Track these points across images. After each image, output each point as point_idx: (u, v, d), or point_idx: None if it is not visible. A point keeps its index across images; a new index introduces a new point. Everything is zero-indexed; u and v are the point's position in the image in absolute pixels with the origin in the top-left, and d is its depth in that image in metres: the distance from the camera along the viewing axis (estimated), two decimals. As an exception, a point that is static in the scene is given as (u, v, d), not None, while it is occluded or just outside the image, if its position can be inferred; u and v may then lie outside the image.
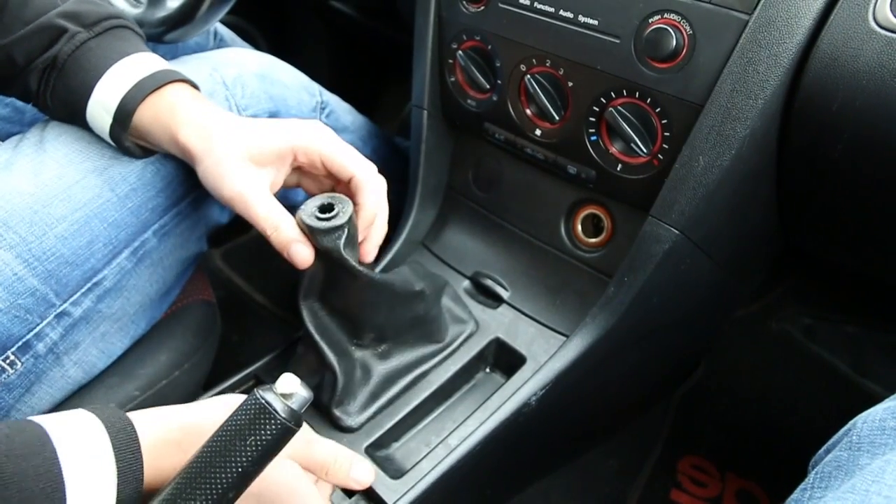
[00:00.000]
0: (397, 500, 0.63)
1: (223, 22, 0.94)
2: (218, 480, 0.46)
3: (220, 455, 0.47)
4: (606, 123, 0.70)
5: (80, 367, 0.69)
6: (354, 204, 0.65)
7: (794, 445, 1.06)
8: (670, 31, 0.63)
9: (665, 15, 0.64)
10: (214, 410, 0.54)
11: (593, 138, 0.72)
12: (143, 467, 0.50)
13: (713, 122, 0.63)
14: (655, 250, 0.68)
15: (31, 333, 0.63)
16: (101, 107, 0.65)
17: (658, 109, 0.66)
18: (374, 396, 0.70)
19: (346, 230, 0.62)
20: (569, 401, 0.76)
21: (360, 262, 0.64)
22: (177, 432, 0.52)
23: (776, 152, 0.66)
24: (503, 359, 0.76)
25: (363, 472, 0.61)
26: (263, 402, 0.47)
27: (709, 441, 1.07)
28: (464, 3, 0.79)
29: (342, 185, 0.68)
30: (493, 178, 0.86)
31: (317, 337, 0.68)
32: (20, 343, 0.63)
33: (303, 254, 0.63)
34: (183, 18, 0.79)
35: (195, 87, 0.69)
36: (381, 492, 0.64)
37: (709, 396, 1.13)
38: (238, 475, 0.46)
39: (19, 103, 0.80)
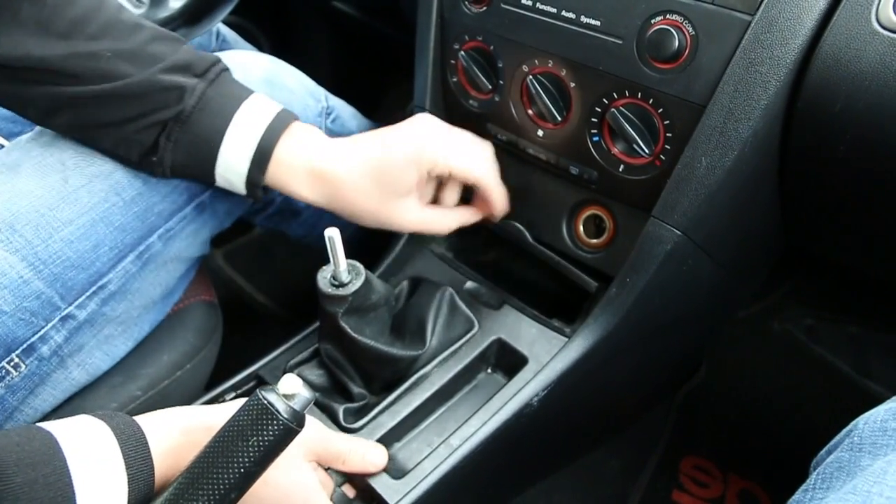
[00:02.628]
0: (399, 500, 0.63)
1: (225, 22, 0.94)
2: (220, 480, 0.46)
3: (222, 455, 0.47)
4: (608, 124, 0.70)
5: (84, 370, 0.69)
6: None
7: (796, 446, 1.06)
8: (673, 31, 0.63)
9: (667, 16, 0.64)
10: (222, 414, 0.54)
11: (595, 139, 0.72)
12: (153, 473, 0.50)
13: (715, 122, 0.63)
14: (657, 251, 0.68)
15: (36, 336, 0.63)
16: (235, 154, 0.67)
17: (660, 110, 0.66)
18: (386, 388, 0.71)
19: (349, 301, 0.65)
20: (571, 401, 0.76)
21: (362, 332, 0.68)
22: (185, 436, 0.53)
23: (778, 153, 0.66)
24: (505, 359, 0.75)
25: (378, 456, 0.64)
26: (266, 402, 0.47)
27: (711, 441, 1.07)
28: (466, 3, 0.79)
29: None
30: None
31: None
32: (25, 346, 0.63)
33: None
34: (185, 19, 0.79)
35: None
36: (383, 491, 0.64)
37: (710, 397, 1.13)
38: (240, 475, 0.47)
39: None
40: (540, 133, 0.77)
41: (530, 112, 0.77)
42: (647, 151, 0.68)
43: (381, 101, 1.60)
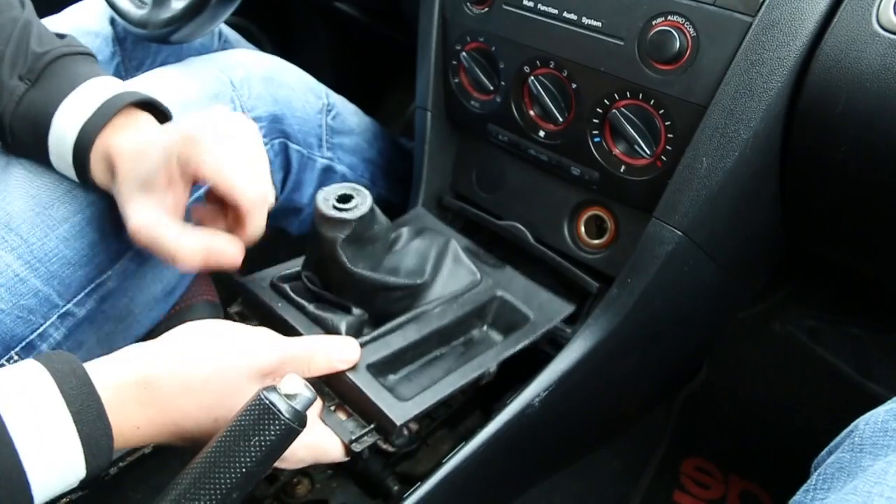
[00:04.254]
0: (406, 421, 0.58)
1: (227, 23, 0.94)
2: (222, 481, 0.46)
3: (224, 455, 0.47)
4: (610, 125, 0.70)
5: (85, 368, 0.69)
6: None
7: (797, 447, 1.06)
8: (674, 32, 0.63)
9: (669, 17, 0.64)
10: (172, 355, 0.52)
11: (597, 140, 0.72)
12: (104, 410, 0.47)
13: (717, 123, 0.63)
14: (659, 252, 0.68)
15: (35, 334, 0.63)
16: (60, 159, 0.63)
17: (661, 111, 0.66)
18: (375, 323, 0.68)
19: (353, 227, 0.61)
20: (572, 402, 0.76)
21: (352, 262, 0.63)
22: (134, 387, 0.50)
23: (779, 154, 0.66)
24: (504, 318, 0.73)
25: (349, 350, 0.59)
26: (268, 402, 0.47)
27: (712, 443, 1.07)
28: (468, 4, 0.79)
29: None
30: (496, 179, 0.86)
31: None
32: (24, 343, 0.63)
33: (225, 256, 0.61)
34: (188, 19, 0.79)
35: (161, 111, 0.66)
36: (389, 409, 0.58)
37: (712, 398, 1.13)
38: (242, 475, 0.47)
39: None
40: (541, 134, 0.77)
41: (532, 113, 0.77)
42: (648, 152, 0.68)
43: (382, 103, 1.60)
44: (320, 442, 0.58)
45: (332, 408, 0.61)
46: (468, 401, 0.88)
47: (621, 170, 0.71)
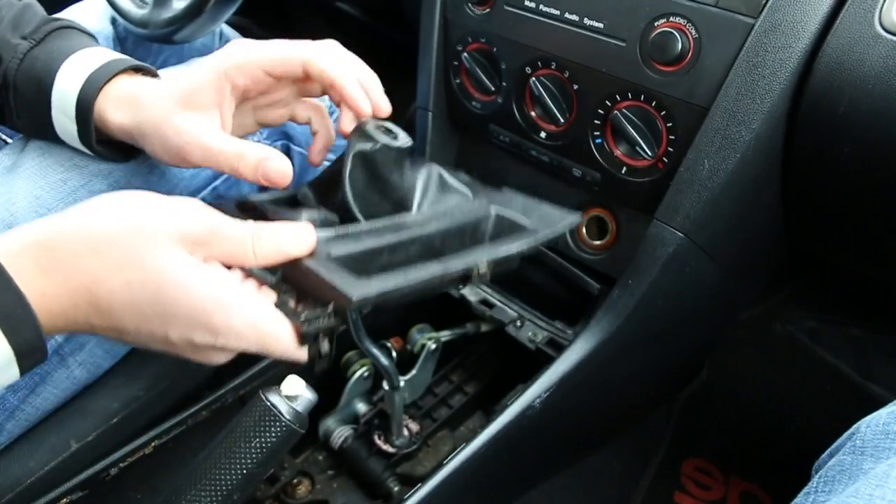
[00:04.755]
0: (364, 297, 0.47)
1: (228, 23, 0.94)
2: (223, 482, 0.47)
3: (224, 456, 0.47)
4: (611, 126, 0.70)
5: (85, 368, 0.69)
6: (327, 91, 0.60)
7: (798, 449, 1.06)
8: (676, 34, 0.63)
9: (671, 18, 0.64)
10: (79, 215, 0.46)
11: (598, 141, 0.72)
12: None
13: (718, 125, 0.63)
14: (660, 253, 0.68)
15: None
16: (62, 114, 0.61)
17: (663, 112, 0.66)
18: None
19: (379, 150, 0.57)
20: (572, 403, 0.76)
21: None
22: (34, 249, 0.45)
23: (781, 156, 0.66)
24: (502, 236, 0.62)
25: (302, 233, 0.50)
26: (269, 404, 0.47)
27: (712, 444, 1.07)
28: (469, 5, 0.79)
29: (306, 84, 0.62)
30: (497, 179, 0.85)
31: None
32: None
33: (280, 166, 0.56)
34: (189, 19, 0.79)
35: (152, 73, 0.65)
36: (343, 286, 0.47)
37: (712, 399, 1.13)
38: (243, 476, 0.47)
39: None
40: (543, 134, 0.77)
41: (533, 114, 0.77)
42: (649, 154, 0.68)
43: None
44: (266, 320, 0.47)
45: (291, 303, 0.51)
46: (469, 402, 0.88)
47: (622, 171, 0.71)
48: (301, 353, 0.49)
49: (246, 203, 0.61)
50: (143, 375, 0.75)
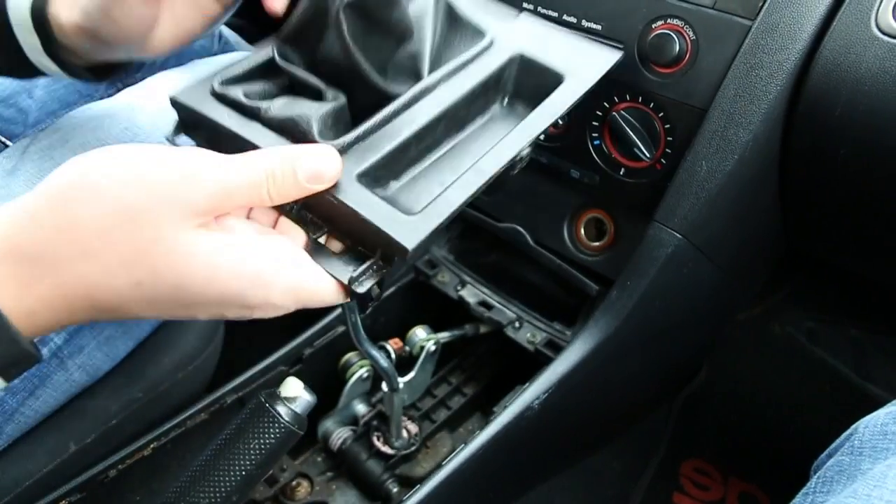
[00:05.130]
0: (419, 242, 0.43)
1: (228, 25, 0.94)
2: (221, 483, 0.47)
3: (223, 458, 0.47)
4: (609, 128, 0.70)
5: (85, 371, 0.69)
6: None
7: (797, 449, 1.06)
8: (673, 36, 0.64)
9: (668, 20, 0.64)
10: (54, 209, 0.41)
11: (596, 142, 0.72)
12: None
13: (716, 126, 0.63)
14: (658, 254, 0.68)
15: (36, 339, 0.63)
16: (22, 29, 0.53)
17: (661, 114, 0.66)
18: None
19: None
20: (571, 404, 0.76)
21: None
22: (5, 266, 0.40)
23: (779, 157, 0.66)
24: (530, 82, 0.57)
25: (323, 159, 0.43)
26: (267, 405, 0.47)
27: (711, 444, 1.07)
28: (467, 7, 0.79)
29: None
30: (496, 181, 0.86)
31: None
32: None
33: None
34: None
35: None
36: (395, 232, 0.43)
37: (711, 400, 1.13)
38: (242, 478, 0.47)
39: (22, 104, 0.80)
40: (541, 136, 0.77)
41: (531, 115, 0.77)
42: (647, 155, 0.68)
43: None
44: (306, 283, 0.43)
45: (322, 239, 0.45)
46: (467, 403, 0.88)
47: (621, 173, 0.71)
48: (344, 297, 0.45)
49: (223, 96, 0.50)
50: (142, 377, 0.75)
